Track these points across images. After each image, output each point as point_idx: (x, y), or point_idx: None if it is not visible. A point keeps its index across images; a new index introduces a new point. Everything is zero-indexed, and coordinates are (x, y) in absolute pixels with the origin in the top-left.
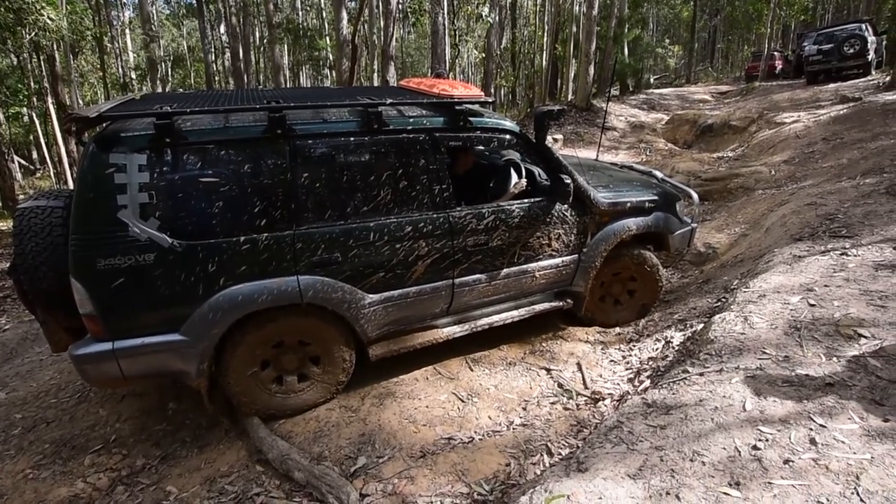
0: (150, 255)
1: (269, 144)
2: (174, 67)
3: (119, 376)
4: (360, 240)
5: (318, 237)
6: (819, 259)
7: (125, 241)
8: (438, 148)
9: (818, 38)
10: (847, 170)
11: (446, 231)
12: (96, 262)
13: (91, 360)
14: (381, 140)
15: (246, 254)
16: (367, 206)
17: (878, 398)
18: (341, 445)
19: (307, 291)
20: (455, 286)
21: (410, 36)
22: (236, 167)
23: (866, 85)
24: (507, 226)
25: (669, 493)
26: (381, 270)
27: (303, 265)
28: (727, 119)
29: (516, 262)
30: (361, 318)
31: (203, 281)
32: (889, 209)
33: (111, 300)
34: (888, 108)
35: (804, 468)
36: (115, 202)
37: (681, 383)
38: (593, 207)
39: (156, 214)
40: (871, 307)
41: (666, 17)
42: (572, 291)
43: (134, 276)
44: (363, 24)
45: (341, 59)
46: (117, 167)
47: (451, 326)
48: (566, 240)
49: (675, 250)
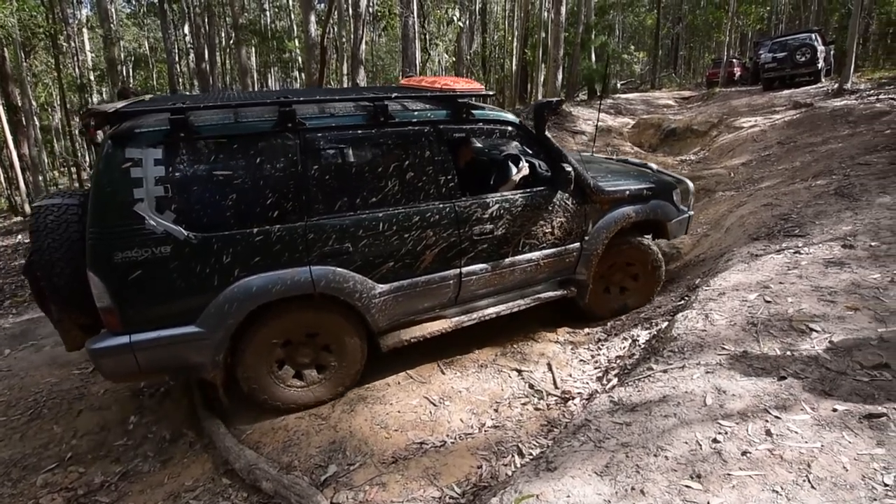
0: (167, 247)
1: (280, 138)
2: (136, 68)
3: (135, 370)
4: (369, 230)
5: (329, 228)
6: (774, 257)
7: (142, 233)
8: (443, 139)
9: (773, 46)
10: (800, 172)
11: (452, 220)
12: (113, 256)
13: (108, 353)
14: (388, 132)
15: (259, 245)
16: (375, 197)
17: (828, 389)
18: (311, 454)
19: (319, 281)
20: (462, 275)
21: (381, 39)
22: (249, 160)
23: (817, 91)
24: (511, 214)
25: (635, 488)
26: (390, 260)
27: (314, 256)
28: (689, 123)
29: (521, 250)
30: (372, 307)
31: (218, 272)
32: (837, 209)
33: (128, 293)
34: (836, 113)
35: (760, 459)
36: (131, 196)
37: (646, 380)
38: (593, 195)
39: (171, 207)
40: (822, 302)
41: (631, 25)
42: (576, 280)
43: (150, 269)
44: (332, 27)
45: (310, 61)
46: (133, 161)
47: (460, 316)
48: (568, 228)
49: (674, 237)
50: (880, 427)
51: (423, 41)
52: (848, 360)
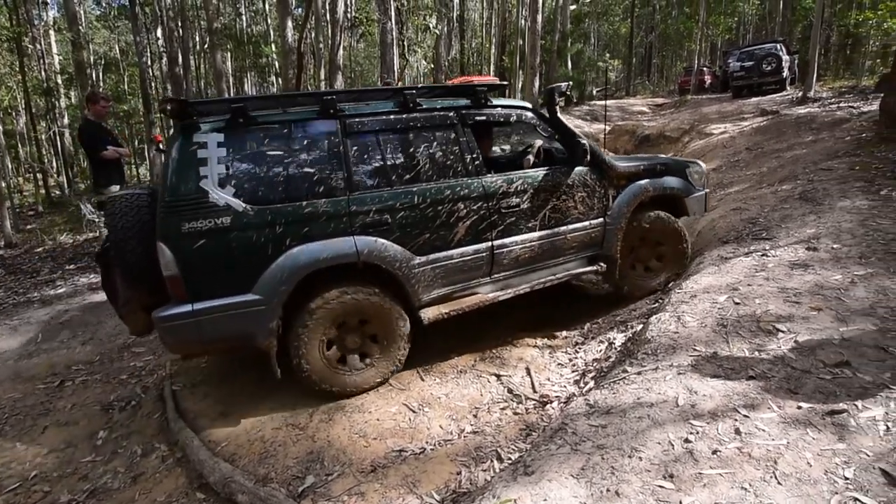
0: (227, 218)
1: (324, 124)
2: (106, 72)
3: (197, 339)
4: (405, 203)
5: (370, 201)
6: (743, 260)
7: (206, 206)
8: (466, 122)
9: (741, 55)
10: (767, 177)
11: (481, 195)
12: (181, 226)
13: (173, 320)
14: (416, 117)
15: (308, 217)
16: (409, 174)
17: (793, 388)
18: (288, 465)
19: (363, 251)
20: (494, 248)
21: (360, 45)
22: (297, 143)
23: (782, 99)
24: (535, 189)
25: (610, 489)
26: (426, 232)
27: (357, 227)
28: (663, 130)
29: (547, 224)
30: (412, 277)
31: (272, 242)
32: (802, 213)
33: (193, 261)
34: (800, 120)
35: (730, 457)
36: (198, 173)
37: (620, 383)
38: (610, 171)
39: (231, 183)
40: (787, 303)
41: (606, 33)
42: (604, 255)
43: (213, 238)
44: (310, 32)
45: (287, 66)
46: (200, 144)
47: (495, 291)
48: (590, 203)
49: (693, 213)
50: (841, 423)
51: (401, 47)
52: (812, 359)
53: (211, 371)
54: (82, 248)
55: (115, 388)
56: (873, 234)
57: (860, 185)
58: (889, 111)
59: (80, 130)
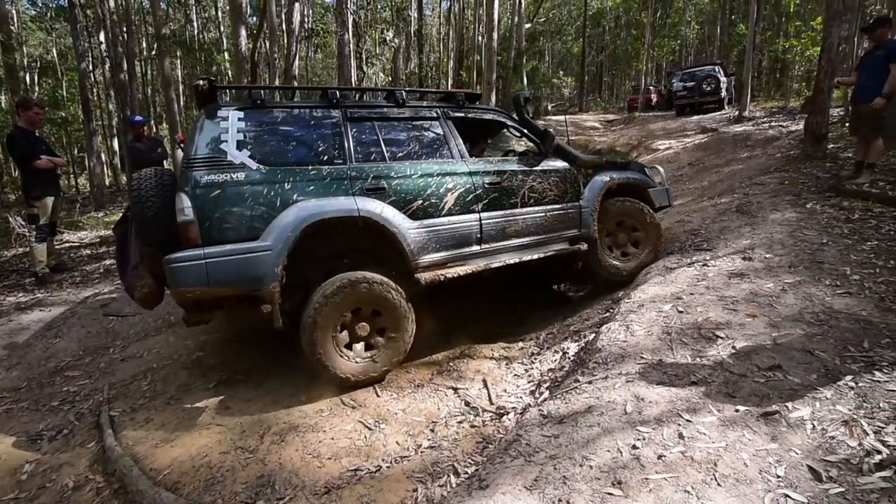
0: (241, 173)
1: (328, 110)
2: (42, 76)
3: (205, 281)
4: (399, 174)
5: (368, 169)
6: (686, 270)
7: (224, 161)
8: (448, 117)
9: (683, 76)
10: (707, 191)
11: (465, 172)
12: (201, 178)
13: (183, 261)
14: (405, 110)
15: (314, 178)
16: (402, 152)
17: (731, 391)
18: (237, 491)
19: (362, 208)
20: (482, 220)
21: (317, 56)
22: (305, 122)
23: (721, 118)
24: (513, 171)
25: (562, 499)
26: (419, 199)
27: (357, 189)
28: (613, 145)
29: (528, 202)
30: (408, 237)
31: (280, 195)
32: (738, 225)
33: (208, 207)
34: (737, 138)
35: (674, 461)
36: (220, 138)
37: (572, 392)
38: (577, 161)
39: (248, 147)
40: (726, 311)
41: (560, 52)
42: (584, 236)
43: (228, 189)
44: (265, 41)
45: (241, 76)
46: (223, 118)
47: (485, 261)
48: (564, 187)
49: (659, 204)
50: (774, 423)
51: (359, 60)
52: (748, 363)
53: (154, 393)
54: (10, 264)
55: (44, 416)
56: (801, 245)
57: (789, 198)
58: (811, 131)
59: (10, 138)
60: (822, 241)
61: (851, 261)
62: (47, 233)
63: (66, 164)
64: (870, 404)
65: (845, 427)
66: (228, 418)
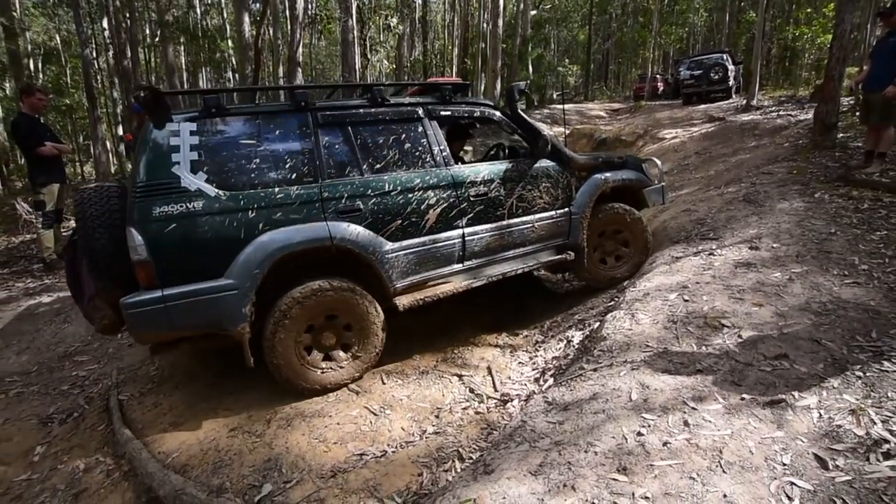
0: (199, 202)
1: (295, 115)
2: (46, 63)
3: (166, 326)
4: (377, 190)
5: (342, 187)
6: (692, 259)
7: (178, 190)
8: (433, 116)
9: (690, 64)
10: (714, 180)
11: (450, 184)
12: (153, 210)
13: (141, 306)
14: (385, 111)
15: (281, 202)
16: (379, 163)
17: (737, 380)
18: (244, 474)
19: (335, 235)
20: (465, 236)
21: (321, 43)
22: (269, 133)
23: (728, 106)
24: (502, 179)
25: (566, 484)
26: (398, 218)
27: (330, 213)
28: (618, 134)
29: (516, 213)
30: (385, 262)
31: (245, 226)
32: (745, 214)
33: (163, 245)
34: (744, 127)
35: (679, 448)
36: (170, 159)
37: (577, 379)
38: (570, 162)
39: (203, 169)
40: (732, 300)
41: (565, 39)
42: (571, 245)
43: (184, 222)
44: (268, 28)
45: (245, 62)
46: (173, 132)
47: (468, 279)
48: (555, 193)
49: (653, 204)
50: (780, 412)
51: (363, 46)
52: (754, 352)
53: (162, 378)
54: (18, 250)
55: (54, 399)
56: (808, 234)
57: (797, 188)
58: (821, 119)
59: (15, 125)
60: (831, 231)
61: (860, 250)
62: (54, 219)
63: (72, 151)
64: (878, 393)
65: (852, 416)
66: (235, 403)
